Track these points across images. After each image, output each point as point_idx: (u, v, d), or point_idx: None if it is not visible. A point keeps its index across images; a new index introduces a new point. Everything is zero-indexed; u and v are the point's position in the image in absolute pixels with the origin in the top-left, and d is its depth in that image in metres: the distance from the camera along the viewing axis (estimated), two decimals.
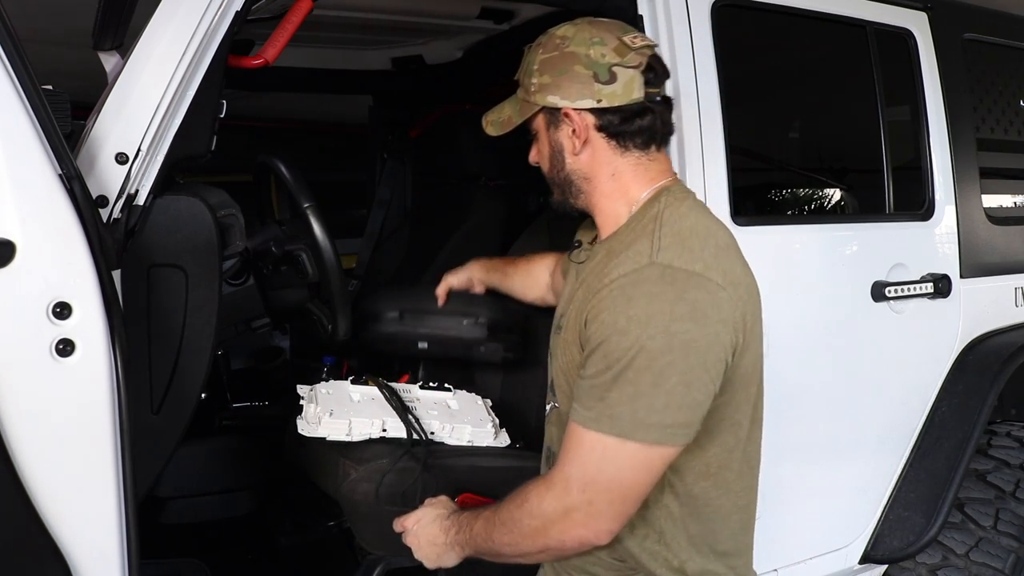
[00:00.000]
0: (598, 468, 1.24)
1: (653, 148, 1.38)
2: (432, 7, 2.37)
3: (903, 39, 2.32)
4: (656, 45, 1.38)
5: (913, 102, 2.33)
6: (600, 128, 1.35)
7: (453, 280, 2.05)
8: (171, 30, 1.39)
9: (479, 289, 2.05)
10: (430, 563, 1.46)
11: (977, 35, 2.51)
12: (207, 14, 1.40)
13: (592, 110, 1.34)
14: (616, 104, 1.32)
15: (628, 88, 1.32)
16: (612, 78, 1.31)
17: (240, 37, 1.49)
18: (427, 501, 1.55)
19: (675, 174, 1.44)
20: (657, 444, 1.22)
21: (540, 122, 1.42)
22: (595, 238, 1.47)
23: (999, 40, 2.59)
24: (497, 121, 1.47)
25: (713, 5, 1.95)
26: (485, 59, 2.70)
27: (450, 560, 1.43)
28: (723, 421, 1.33)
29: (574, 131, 1.36)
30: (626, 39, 1.33)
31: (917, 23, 2.34)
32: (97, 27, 1.61)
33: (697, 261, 1.25)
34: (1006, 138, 2.57)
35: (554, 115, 1.38)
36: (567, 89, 1.33)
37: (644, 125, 1.35)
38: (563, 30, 1.37)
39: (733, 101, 1.95)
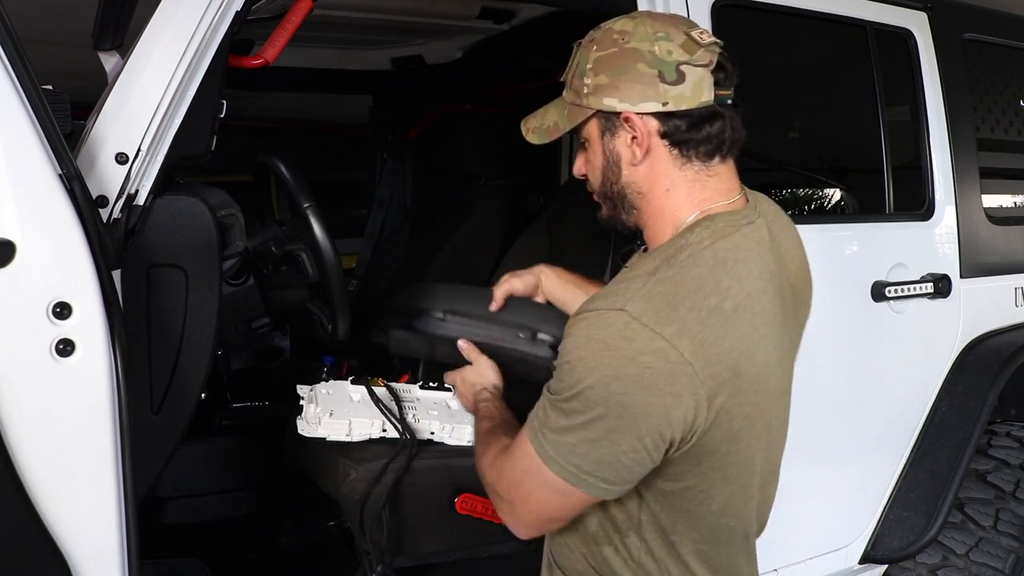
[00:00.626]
0: (522, 477, 1.22)
1: (717, 160, 1.22)
2: (432, 7, 2.37)
3: (903, 39, 2.32)
4: (723, 43, 1.21)
5: (913, 102, 2.33)
6: (664, 135, 1.19)
7: (518, 284, 1.71)
8: (171, 30, 1.39)
9: (541, 300, 1.74)
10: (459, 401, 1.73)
11: (977, 35, 2.51)
12: (207, 14, 1.40)
13: (656, 114, 1.18)
14: (684, 108, 1.16)
15: (697, 89, 1.16)
16: (680, 78, 1.15)
17: (240, 37, 1.49)
18: (483, 362, 1.66)
19: (740, 195, 1.26)
20: (571, 484, 1.16)
21: (593, 128, 1.25)
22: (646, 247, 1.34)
23: (999, 40, 2.59)
24: (540, 128, 1.30)
25: (713, 5, 1.95)
26: (485, 59, 2.70)
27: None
28: (688, 490, 1.22)
29: (634, 138, 1.20)
30: (693, 34, 1.17)
31: (917, 23, 2.34)
32: (97, 27, 1.61)
33: (672, 323, 1.10)
34: (1006, 138, 2.57)
35: (610, 120, 1.21)
36: (628, 90, 1.17)
37: (713, 132, 1.19)
38: (620, 24, 1.21)
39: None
